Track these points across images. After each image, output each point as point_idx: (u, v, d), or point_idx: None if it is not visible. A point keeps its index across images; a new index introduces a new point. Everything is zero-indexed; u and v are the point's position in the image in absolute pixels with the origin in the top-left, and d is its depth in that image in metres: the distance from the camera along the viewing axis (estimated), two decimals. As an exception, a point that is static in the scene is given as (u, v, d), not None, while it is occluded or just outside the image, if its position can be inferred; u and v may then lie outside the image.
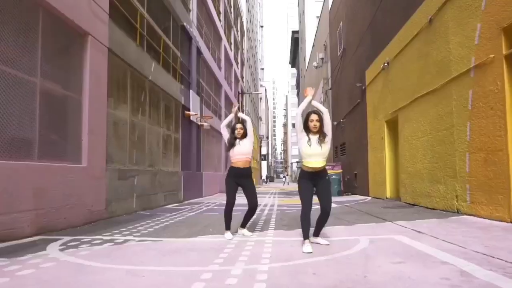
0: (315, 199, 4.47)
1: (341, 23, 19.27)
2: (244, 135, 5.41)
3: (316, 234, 4.64)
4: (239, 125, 5.43)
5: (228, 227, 5.28)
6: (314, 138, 4.49)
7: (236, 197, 5.31)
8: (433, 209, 8.02)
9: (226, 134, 5.52)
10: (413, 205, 9.18)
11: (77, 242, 4.77)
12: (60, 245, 4.54)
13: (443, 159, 7.61)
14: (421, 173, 8.74)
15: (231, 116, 5.82)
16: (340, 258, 3.75)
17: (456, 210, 7.07)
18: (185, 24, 14.03)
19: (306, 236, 4.38)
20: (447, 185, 7.43)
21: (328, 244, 4.42)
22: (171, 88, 12.24)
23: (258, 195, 5.73)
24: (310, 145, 4.45)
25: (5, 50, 5.06)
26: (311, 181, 4.49)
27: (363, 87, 14.36)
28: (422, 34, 8.60)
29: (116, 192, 8.00)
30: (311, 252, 4.05)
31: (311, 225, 4.38)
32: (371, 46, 13.30)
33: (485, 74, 6.13)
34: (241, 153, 5.30)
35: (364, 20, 14.27)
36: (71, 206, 6.28)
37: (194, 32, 15.74)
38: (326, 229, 5.82)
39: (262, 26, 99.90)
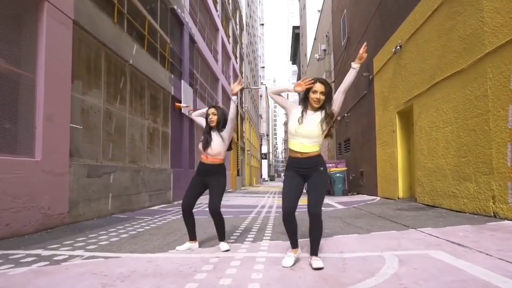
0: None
1: (345, 10, 17.98)
2: (218, 124, 4.16)
3: (312, 251, 3.26)
4: (211, 110, 4.20)
5: (191, 236, 4.18)
6: (312, 114, 3.31)
7: (237, 197, 4.14)
8: (460, 211, 6.76)
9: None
10: (433, 206, 7.91)
11: (0, 261, 3.52)
12: (-28, 266, 3.30)
13: (474, 152, 6.34)
14: (443, 170, 7.47)
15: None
16: (365, 292, 2.50)
17: (492, 214, 5.80)
18: (175, 7, 12.77)
19: (292, 244, 3.37)
20: (479, 183, 6.16)
21: (322, 268, 3.07)
22: (159, 76, 10.98)
23: (256, 195, 4.51)
24: (301, 121, 3.28)
25: None
26: (299, 172, 3.37)
27: (370, 76, 13.08)
28: (444, 7, 7.34)
29: (84, 192, 6.75)
30: (290, 266, 3.13)
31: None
32: (380, 30, 12.01)
33: (535, 43, 4.86)
34: (208, 153, 4.16)
35: (372, 3, 12.98)
36: (18, 209, 5.03)
37: (187, 17, 14.47)
38: (335, 239, 4.57)
39: (262, 24, 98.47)
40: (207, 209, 4.13)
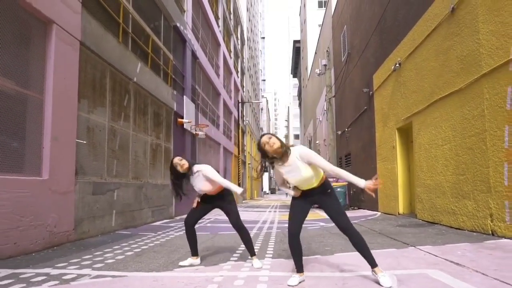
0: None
1: (345, 26, 18.26)
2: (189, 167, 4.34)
3: (371, 264, 3.36)
4: (176, 160, 4.35)
5: (193, 252, 4.44)
6: (284, 166, 3.47)
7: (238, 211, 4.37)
8: (459, 229, 6.85)
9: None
10: (432, 223, 7.99)
11: (10, 280, 3.62)
12: (-17, 286, 3.40)
13: (472, 170, 6.46)
14: (442, 187, 7.58)
15: None
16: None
17: (490, 232, 5.90)
18: (178, 24, 13.01)
19: (298, 268, 3.43)
20: (478, 202, 6.27)
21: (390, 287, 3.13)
22: (162, 93, 11.16)
23: (258, 210, 4.70)
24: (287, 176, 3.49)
25: None
26: (307, 198, 3.57)
27: (371, 92, 13.26)
28: (441, 28, 7.52)
29: (89, 209, 6.86)
30: (295, 285, 3.24)
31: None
32: (379, 47, 12.22)
33: (529, 66, 5.02)
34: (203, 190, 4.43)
35: (371, 20, 13.22)
36: (25, 228, 5.14)
37: (189, 34, 14.72)
38: (335, 257, 4.66)
39: (263, 38, 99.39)
40: (209, 224, 4.27)
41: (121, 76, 8.54)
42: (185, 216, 4.59)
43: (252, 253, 4.37)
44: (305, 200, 3.53)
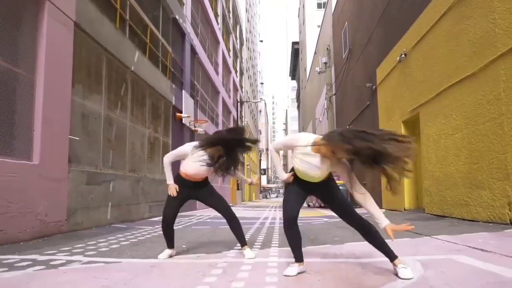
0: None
1: (346, 23, 17.99)
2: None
3: (389, 257, 2.89)
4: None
5: (170, 245, 3.84)
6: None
7: (238, 210, 3.88)
8: (473, 220, 6.51)
9: None
10: (443, 216, 7.65)
11: (-8, 265, 3.27)
12: (-39, 270, 3.04)
13: (487, 158, 6.13)
14: (454, 178, 7.25)
15: None
16: (395, 295, 2.27)
17: (508, 221, 5.56)
18: (177, 17, 12.70)
19: (296, 258, 2.96)
20: (494, 190, 5.93)
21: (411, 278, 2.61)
22: (160, 85, 10.82)
23: (258, 209, 4.22)
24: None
25: None
26: (304, 188, 3.10)
27: (374, 87, 12.95)
28: (451, 12, 7.22)
29: (83, 200, 6.50)
30: (293, 275, 2.77)
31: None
32: (383, 40, 11.93)
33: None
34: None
35: (374, 13, 12.94)
36: (13, 214, 4.78)
37: (188, 28, 14.41)
38: (347, 246, 4.32)
39: (261, 41, 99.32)
40: (209, 220, 3.90)
41: (118, 64, 8.20)
42: (183, 212, 4.16)
43: (243, 243, 3.84)
44: (302, 187, 3.09)
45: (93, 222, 6.79)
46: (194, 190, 3.91)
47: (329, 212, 10.97)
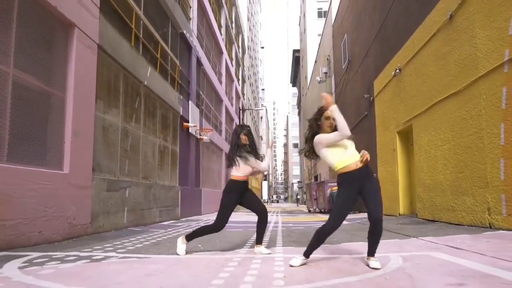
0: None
1: (345, 35, 18.71)
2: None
3: (370, 252, 3.46)
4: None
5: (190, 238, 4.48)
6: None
7: (242, 215, 4.51)
8: (459, 224, 7.15)
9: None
10: (433, 221, 8.30)
11: (46, 259, 3.92)
12: (23, 263, 3.69)
13: (470, 168, 6.79)
14: (442, 185, 7.90)
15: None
16: (375, 278, 2.92)
17: (488, 225, 6.21)
18: (184, 32, 13.42)
19: (308, 253, 3.52)
20: (476, 197, 6.59)
21: (379, 268, 3.25)
22: (169, 97, 11.52)
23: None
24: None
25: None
26: (354, 186, 3.43)
27: (371, 98, 13.63)
28: (440, 34, 7.90)
29: (104, 205, 7.15)
30: (297, 266, 3.40)
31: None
32: (380, 54, 12.63)
33: (522, 67, 5.38)
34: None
35: (371, 28, 13.65)
36: (48, 218, 5.43)
37: (194, 41, 15.14)
38: (343, 246, 4.97)
39: (263, 47, 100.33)
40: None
41: (133, 79, 8.89)
42: (189, 217, 4.79)
43: (260, 242, 4.48)
44: (353, 189, 3.43)
45: (112, 225, 7.44)
46: (243, 194, 4.49)
47: (327, 217, 11.58)
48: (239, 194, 4.43)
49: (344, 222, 6.65)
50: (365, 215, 13.21)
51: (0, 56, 4.78)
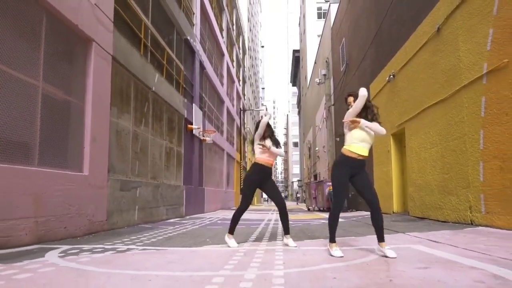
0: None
1: (343, 38, 19.30)
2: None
3: (380, 238, 3.99)
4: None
5: (232, 231, 5.04)
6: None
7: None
8: (445, 221, 7.76)
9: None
10: (423, 218, 8.91)
11: (77, 250, 4.53)
12: (60, 253, 4.30)
13: (455, 170, 7.40)
14: (431, 185, 8.51)
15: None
16: (359, 264, 3.52)
17: (470, 222, 6.82)
18: (188, 37, 14.02)
19: (333, 239, 4.11)
20: (459, 196, 7.20)
21: (395, 257, 3.78)
22: (174, 100, 12.12)
23: (261, 212, 5.47)
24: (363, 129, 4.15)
25: (8, 51, 4.92)
26: (350, 171, 4.09)
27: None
28: (429, 44, 8.51)
29: (117, 203, 7.76)
30: (342, 256, 3.86)
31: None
32: (375, 59, 13.23)
33: (498, 80, 5.98)
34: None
35: (368, 34, 14.25)
36: (72, 215, 6.04)
37: (197, 46, 15.73)
38: (345, 240, 5.56)
39: (263, 47, 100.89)
40: (219, 221, 5.13)
41: (143, 86, 9.50)
42: (193, 215, 5.36)
43: (287, 231, 4.98)
44: (349, 172, 4.07)
45: (124, 222, 8.05)
46: (264, 179, 5.04)
47: (325, 215, 12.19)
48: (260, 177, 4.98)
49: (341, 220, 7.38)
50: (362, 213, 13.86)
51: (32, 72, 5.39)
